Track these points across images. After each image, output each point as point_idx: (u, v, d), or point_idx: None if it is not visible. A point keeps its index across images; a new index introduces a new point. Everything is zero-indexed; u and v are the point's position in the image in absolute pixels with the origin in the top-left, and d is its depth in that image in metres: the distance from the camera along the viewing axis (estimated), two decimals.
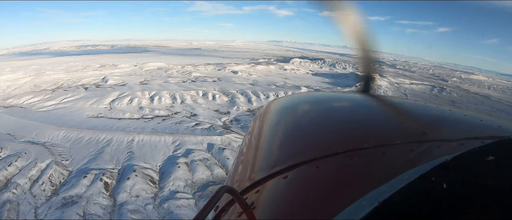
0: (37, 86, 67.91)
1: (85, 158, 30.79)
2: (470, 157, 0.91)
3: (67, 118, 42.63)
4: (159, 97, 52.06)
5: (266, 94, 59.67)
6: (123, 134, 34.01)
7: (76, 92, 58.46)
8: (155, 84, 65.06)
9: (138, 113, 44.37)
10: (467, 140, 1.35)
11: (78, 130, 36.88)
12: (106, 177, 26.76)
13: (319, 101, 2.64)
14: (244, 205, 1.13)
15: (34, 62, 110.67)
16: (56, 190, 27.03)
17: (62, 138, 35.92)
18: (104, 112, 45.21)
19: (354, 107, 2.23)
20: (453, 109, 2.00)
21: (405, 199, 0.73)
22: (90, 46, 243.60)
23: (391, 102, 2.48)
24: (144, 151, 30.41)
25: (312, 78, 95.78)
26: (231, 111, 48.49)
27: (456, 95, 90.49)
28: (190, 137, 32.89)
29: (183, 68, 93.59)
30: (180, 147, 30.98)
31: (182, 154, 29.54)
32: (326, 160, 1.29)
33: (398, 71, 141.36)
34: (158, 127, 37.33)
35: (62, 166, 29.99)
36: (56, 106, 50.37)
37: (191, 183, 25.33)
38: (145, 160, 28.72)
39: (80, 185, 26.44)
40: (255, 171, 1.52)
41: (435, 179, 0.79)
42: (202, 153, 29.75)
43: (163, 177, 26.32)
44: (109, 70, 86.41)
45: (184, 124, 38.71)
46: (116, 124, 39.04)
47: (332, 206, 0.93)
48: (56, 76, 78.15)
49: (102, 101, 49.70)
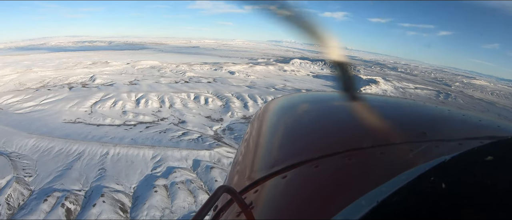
0: (22, 84, 64.47)
1: (51, 174, 26.62)
2: (469, 157, 0.90)
3: (41, 123, 38.44)
4: (146, 100, 47.69)
5: (264, 98, 55.23)
6: (97, 146, 29.73)
7: (58, 92, 54.33)
8: (144, 85, 60.80)
9: (120, 119, 40.10)
10: (466, 140, 1.36)
11: (49, 139, 32.63)
12: (69, 201, 22.64)
13: (318, 101, 2.69)
14: (243, 205, 1.12)
15: (27, 58, 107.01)
16: (12, 215, 23.15)
17: (31, 147, 31.78)
18: (83, 116, 40.93)
19: (353, 107, 2.17)
20: (452, 109, 2.02)
21: (403, 199, 0.74)
22: (87, 42, 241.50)
23: (390, 102, 2.51)
24: (118, 168, 26.14)
25: (313, 80, 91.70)
26: (224, 118, 44.21)
27: (462, 101, 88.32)
28: (174, 152, 28.56)
29: (178, 67, 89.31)
30: (160, 164, 26.70)
31: (162, 174, 25.26)
32: (325, 160, 1.30)
33: (400, 74, 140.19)
34: (139, 137, 33.01)
35: (23, 184, 25.88)
36: (34, 108, 46.27)
37: (169, 213, 21.07)
38: (118, 180, 24.47)
39: (39, 210, 22.71)
40: (254, 170, 1.52)
41: (434, 179, 0.78)
42: (185, 173, 25.43)
43: (136, 204, 22.10)
44: (99, 68, 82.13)
45: (170, 133, 34.43)
46: (93, 131, 34.78)
47: (331, 206, 0.94)
48: (43, 74, 74.14)
49: (83, 104, 45.39)
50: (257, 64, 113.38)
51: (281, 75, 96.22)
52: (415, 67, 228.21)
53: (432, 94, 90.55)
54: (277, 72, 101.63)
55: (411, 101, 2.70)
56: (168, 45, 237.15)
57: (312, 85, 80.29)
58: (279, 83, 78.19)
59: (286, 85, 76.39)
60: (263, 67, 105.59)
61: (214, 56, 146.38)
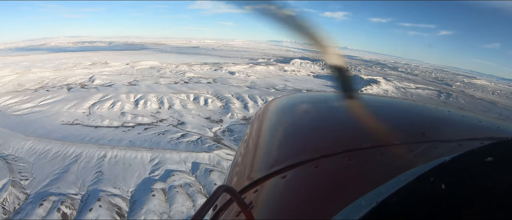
0: (21, 85, 64.00)
1: (47, 177, 26.13)
2: (469, 158, 0.90)
3: (38, 125, 37.94)
4: (145, 101, 47.05)
5: (264, 98, 54.53)
6: (94, 148, 29.20)
7: (57, 93, 53.83)
8: (143, 85, 60.16)
9: (118, 120, 39.55)
10: (466, 141, 1.35)
11: (46, 141, 32.13)
12: (65, 205, 22.14)
13: (318, 101, 2.68)
14: (243, 205, 1.11)
15: (27, 58, 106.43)
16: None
17: (28, 150, 31.29)
18: (81, 118, 40.38)
19: (352, 108, 2.15)
20: (452, 110, 1.99)
21: (403, 200, 0.74)
22: (87, 43, 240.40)
23: (390, 102, 2.49)
24: (115, 172, 25.62)
25: (314, 80, 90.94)
26: (224, 119, 43.62)
27: (464, 101, 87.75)
28: (172, 154, 28.02)
29: (177, 67, 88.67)
30: (158, 167, 26.17)
31: (160, 177, 24.72)
32: (325, 160, 1.30)
33: (400, 74, 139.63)
34: (137, 139, 32.47)
35: (19, 188, 25.40)
36: (32, 109, 45.76)
37: (167, 218, 20.55)
38: (115, 184, 23.95)
39: (35, 215, 22.23)
40: (253, 170, 1.51)
41: (433, 180, 0.78)
42: (184, 176, 24.90)
43: (133, 209, 21.55)
44: (98, 69, 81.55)
45: (168, 135, 33.89)
46: (90, 133, 34.24)
47: (331, 206, 0.94)
48: (42, 74, 73.66)
49: (81, 105, 44.84)
50: (257, 64, 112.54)
51: (282, 75, 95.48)
52: (416, 66, 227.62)
53: (433, 94, 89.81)
54: (278, 72, 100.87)
55: (411, 101, 2.71)
56: (168, 45, 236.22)
57: (313, 85, 79.66)
58: (279, 84, 77.56)
59: (286, 86, 75.76)
60: (264, 67, 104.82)
61: (214, 56, 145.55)
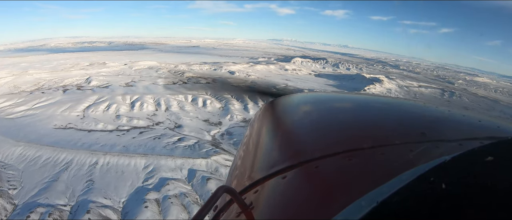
0: (17, 86, 62.79)
1: (36, 187, 24.74)
2: (469, 158, 0.90)
3: (30, 129, 36.58)
4: (141, 103, 45.57)
5: (264, 99, 53.01)
6: (86, 154, 27.80)
7: (52, 95, 52.49)
8: (140, 86, 58.72)
9: (113, 123, 38.10)
10: (466, 140, 1.35)
11: (37, 147, 30.75)
12: (53, 218, 20.73)
13: (318, 102, 2.64)
14: (243, 205, 1.12)
15: (25, 59, 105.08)
16: None
17: (18, 156, 29.92)
18: (75, 121, 38.97)
19: (353, 107, 2.16)
20: (452, 110, 2.00)
21: (403, 200, 0.73)
22: (86, 43, 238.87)
23: (390, 102, 2.49)
24: (107, 180, 24.22)
25: (315, 79, 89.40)
26: (223, 121, 42.12)
27: (467, 99, 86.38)
28: (167, 160, 26.57)
29: (176, 67, 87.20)
30: (152, 175, 24.74)
31: (154, 186, 23.28)
32: (325, 161, 1.30)
33: (402, 72, 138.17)
34: (131, 144, 31.05)
35: (7, 198, 24.06)
36: (26, 112, 44.40)
37: None
38: (106, 194, 22.54)
39: None
40: (254, 171, 1.52)
41: (434, 180, 0.78)
42: (179, 185, 23.45)
43: None
44: (96, 69, 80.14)
45: (164, 139, 32.45)
46: (83, 138, 32.84)
47: (331, 206, 0.94)
48: (39, 76, 72.44)
49: (76, 108, 43.44)
50: (257, 63, 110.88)
51: (283, 74, 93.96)
52: (417, 64, 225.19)
53: (436, 92, 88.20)
54: (278, 71, 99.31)
55: (411, 101, 2.68)
56: (168, 45, 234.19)
57: (315, 84, 78.22)
58: (280, 83, 75.90)
59: (288, 85, 74.15)
60: (264, 66, 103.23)
61: (214, 56, 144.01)
